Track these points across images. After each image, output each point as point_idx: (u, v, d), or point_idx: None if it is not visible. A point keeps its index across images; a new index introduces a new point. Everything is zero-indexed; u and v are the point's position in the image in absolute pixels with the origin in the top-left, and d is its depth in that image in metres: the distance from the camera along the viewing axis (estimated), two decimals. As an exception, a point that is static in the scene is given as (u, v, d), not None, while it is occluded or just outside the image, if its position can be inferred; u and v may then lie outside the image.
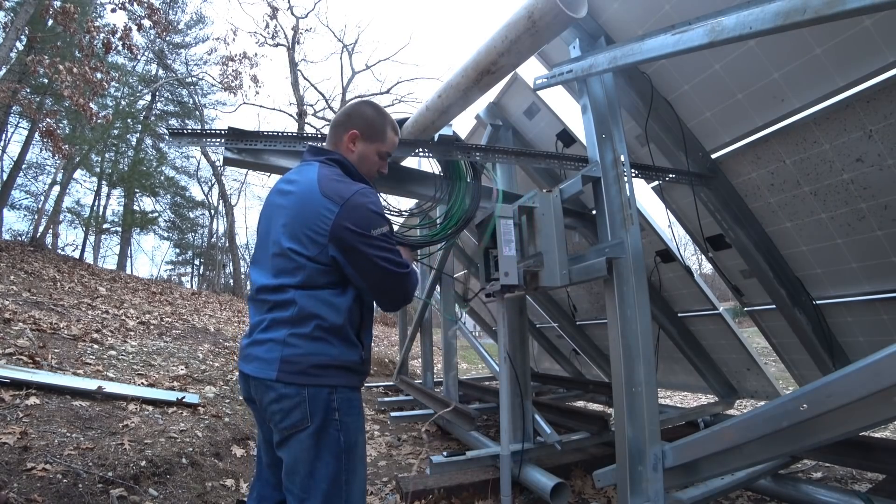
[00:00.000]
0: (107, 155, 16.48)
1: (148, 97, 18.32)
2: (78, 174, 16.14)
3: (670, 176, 2.50)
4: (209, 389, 4.18)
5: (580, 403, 5.26)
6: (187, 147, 17.32)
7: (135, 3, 8.73)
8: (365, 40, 55.12)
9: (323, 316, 1.18)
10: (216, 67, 17.26)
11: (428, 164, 2.61)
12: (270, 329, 1.20)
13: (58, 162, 13.29)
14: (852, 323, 2.56)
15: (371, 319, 1.36)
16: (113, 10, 9.01)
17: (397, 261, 1.24)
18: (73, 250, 15.91)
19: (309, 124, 17.51)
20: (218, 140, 2.06)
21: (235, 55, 14.62)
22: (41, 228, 13.86)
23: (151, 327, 6.83)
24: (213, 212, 23.80)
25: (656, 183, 2.63)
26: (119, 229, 18.43)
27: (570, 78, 2.09)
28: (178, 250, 24.92)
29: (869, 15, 1.65)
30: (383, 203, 2.51)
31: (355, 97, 19.28)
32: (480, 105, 3.51)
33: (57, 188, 15.04)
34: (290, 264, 1.21)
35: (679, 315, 3.58)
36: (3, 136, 13.98)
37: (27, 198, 15.04)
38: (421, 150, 2.29)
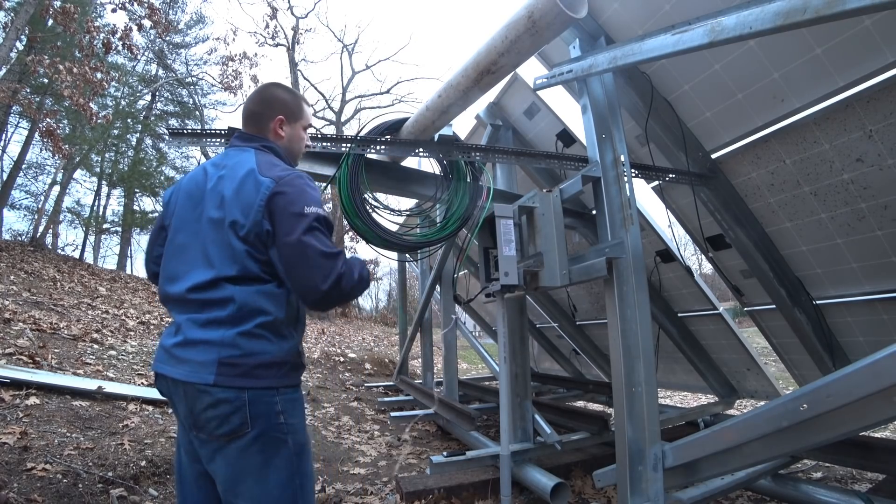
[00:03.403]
0: (107, 155, 16.48)
1: (148, 97, 18.30)
2: (78, 174, 16.16)
3: (670, 176, 2.50)
4: (209, 389, 4.17)
5: (580, 403, 5.26)
6: (187, 147, 17.29)
7: (135, 3, 8.74)
8: (365, 40, 55.07)
9: (266, 310, 1.12)
10: (216, 67, 17.26)
11: (428, 164, 2.61)
12: (204, 328, 1.10)
13: (58, 162, 13.30)
14: (852, 323, 2.56)
15: (305, 310, 1.28)
16: (113, 11, 9.02)
17: (325, 243, 1.13)
18: (73, 250, 15.91)
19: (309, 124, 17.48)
20: (218, 140, 2.06)
21: (235, 55, 14.62)
22: (41, 228, 13.88)
23: (151, 327, 6.83)
24: (213, 212, 23.75)
25: (656, 183, 2.63)
26: (119, 229, 18.42)
27: (570, 78, 2.09)
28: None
29: (869, 15, 1.65)
30: (385, 203, 2.51)
31: (356, 97, 19.28)
32: (480, 105, 3.51)
33: (57, 188, 15.07)
34: (226, 251, 1.13)
35: (679, 315, 3.58)
36: (3, 136, 13.97)
37: (27, 198, 15.03)
38: (421, 150, 2.29)
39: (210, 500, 1.20)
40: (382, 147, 2.30)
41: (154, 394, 3.59)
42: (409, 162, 2.57)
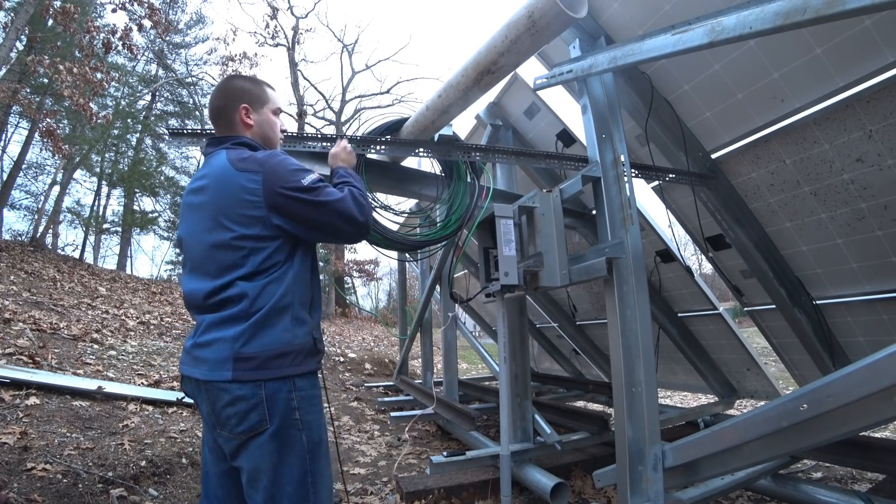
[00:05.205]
0: (107, 155, 16.47)
1: (148, 97, 18.30)
2: (78, 174, 16.14)
3: (670, 176, 2.50)
4: (209, 389, 4.17)
5: (580, 403, 5.26)
6: (187, 147, 17.29)
7: (135, 3, 8.72)
8: (365, 40, 55.03)
9: (280, 297, 1.16)
10: (216, 67, 17.29)
11: (428, 164, 2.61)
12: (219, 327, 1.14)
13: (58, 162, 13.29)
14: (852, 323, 2.56)
15: (320, 295, 1.33)
16: (113, 11, 9.01)
17: (334, 194, 1.22)
18: (73, 250, 15.88)
19: (309, 124, 17.50)
20: (218, 140, 2.05)
21: (235, 55, 14.62)
22: (41, 228, 13.86)
23: (151, 327, 6.83)
24: (212, 212, 23.71)
25: (656, 183, 2.62)
26: (119, 229, 18.41)
27: (570, 78, 2.09)
28: (178, 250, 24.91)
29: (869, 15, 1.65)
30: (385, 203, 2.52)
31: (356, 97, 19.28)
32: (480, 105, 3.51)
33: (57, 188, 15.04)
34: (236, 255, 1.16)
35: (679, 315, 3.57)
36: (3, 136, 13.97)
37: (27, 198, 15.02)
38: (421, 150, 2.28)
39: (232, 499, 1.23)
40: (382, 147, 2.30)
41: (154, 393, 3.60)
42: (410, 162, 2.57)
